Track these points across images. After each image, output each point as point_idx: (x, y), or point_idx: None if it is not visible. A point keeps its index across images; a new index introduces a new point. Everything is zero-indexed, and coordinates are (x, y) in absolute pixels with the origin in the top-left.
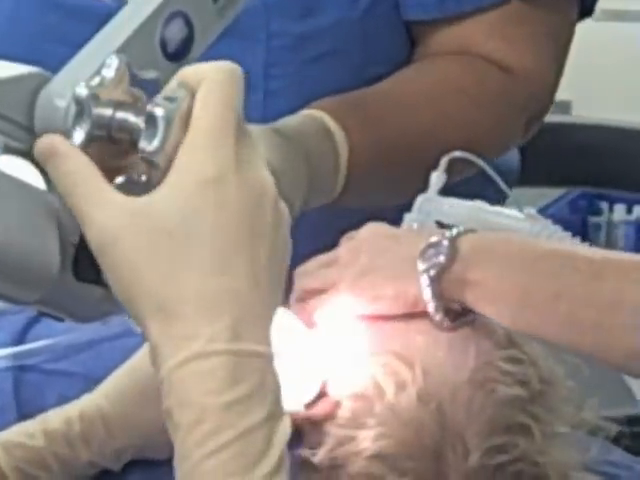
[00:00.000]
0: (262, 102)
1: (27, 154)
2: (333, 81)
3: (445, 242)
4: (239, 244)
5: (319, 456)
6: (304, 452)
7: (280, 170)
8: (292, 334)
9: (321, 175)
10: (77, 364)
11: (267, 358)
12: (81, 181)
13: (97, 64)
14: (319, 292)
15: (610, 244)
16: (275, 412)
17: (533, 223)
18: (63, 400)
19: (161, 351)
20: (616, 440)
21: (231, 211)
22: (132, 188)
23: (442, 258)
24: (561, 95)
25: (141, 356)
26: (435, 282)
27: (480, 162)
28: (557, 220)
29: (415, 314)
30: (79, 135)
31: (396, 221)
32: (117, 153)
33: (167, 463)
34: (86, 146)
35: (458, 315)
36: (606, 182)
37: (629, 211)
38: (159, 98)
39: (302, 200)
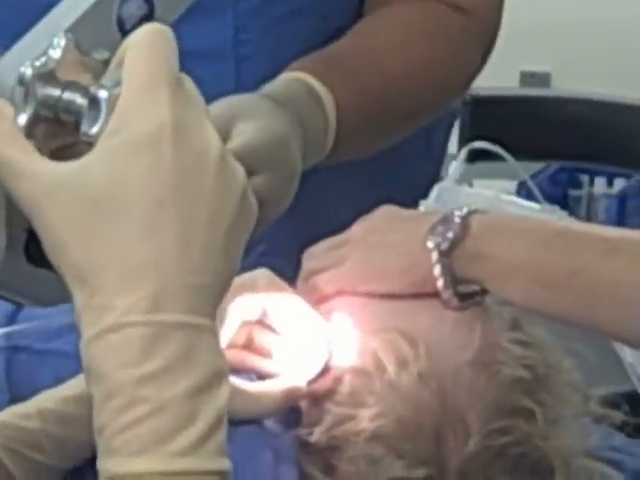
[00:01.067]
0: (234, 69)
1: None
2: (300, 39)
3: (456, 219)
4: (169, 209)
5: (316, 435)
6: (301, 432)
7: (286, 135)
8: (295, 311)
9: (313, 136)
10: (71, 344)
11: (195, 328)
12: (9, 146)
13: (45, 43)
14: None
15: (590, 217)
16: (203, 385)
17: (549, 214)
18: (58, 381)
19: (83, 321)
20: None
21: (164, 174)
22: None
23: (453, 233)
24: (541, 67)
25: None
26: (445, 257)
27: (499, 150)
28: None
29: (422, 294)
30: (22, 117)
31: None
32: (63, 135)
33: None
34: (31, 127)
35: (466, 297)
36: (586, 155)
37: (610, 184)
38: (105, 80)
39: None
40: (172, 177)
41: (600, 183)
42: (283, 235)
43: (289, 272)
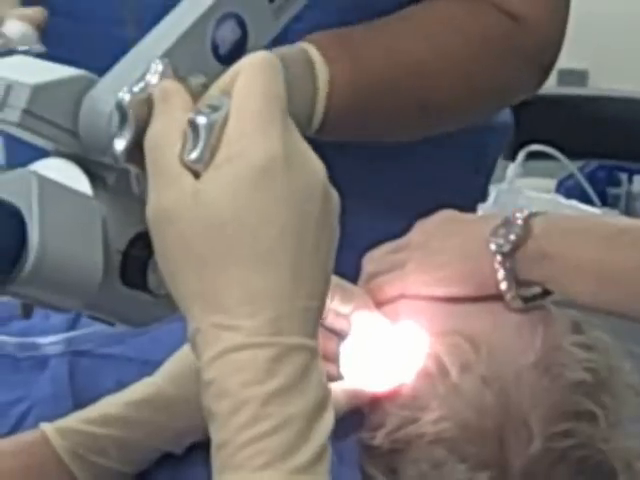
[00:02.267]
0: None
1: (74, 158)
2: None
3: (518, 220)
4: (286, 237)
5: (379, 438)
6: (363, 435)
7: None
8: (359, 313)
9: (298, 102)
10: (133, 348)
11: (309, 351)
12: (160, 147)
13: (142, 69)
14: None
15: (629, 216)
16: (316, 405)
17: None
18: (120, 385)
19: (202, 340)
20: None
21: (280, 203)
22: None
23: (515, 235)
24: (578, 65)
25: None
26: (508, 259)
27: (554, 152)
28: (576, 192)
29: (484, 297)
30: (121, 143)
31: None
32: None
33: None
34: (130, 152)
35: (528, 299)
36: (625, 154)
37: None
38: (203, 106)
39: None
40: (288, 206)
41: (639, 181)
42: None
43: None
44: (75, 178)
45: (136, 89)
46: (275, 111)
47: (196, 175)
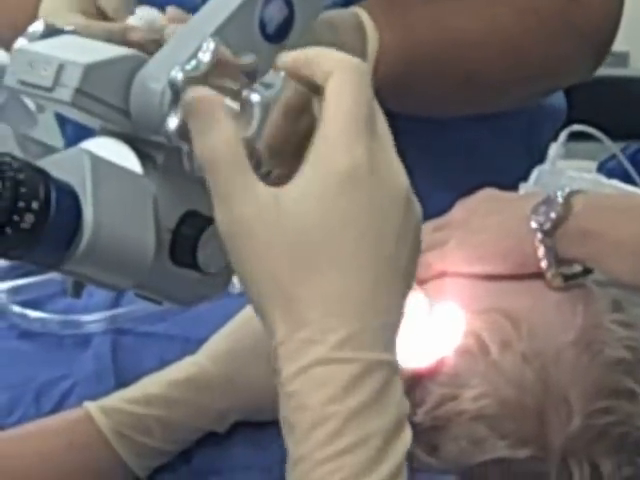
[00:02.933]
0: None
1: (124, 137)
2: None
3: (559, 198)
4: (367, 244)
5: (420, 416)
6: None
7: None
8: None
9: None
10: (176, 327)
11: (390, 366)
12: (224, 161)
13: (193, 47)
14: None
15: None
16: (395, 423)
17: None
18: (163, 363)
19: (284, 353)
20: None
21: (362, 210)
22: None
23: (556, 213)
24: (619, 46)
25: (244, 316)
26: (549, 237)
27: (598, 134)
28: (618, 173)
29: (524, 275)
30: (173, 121)
31: None
32: None
33: (272, 425)
34: (182, 130)
35: (568, 278)
36: None
37: None
38: (256, 84)
39: None
40: (371, 214)
41: None
42: None
43: None
44: (125, 157)
45: (189, 67)
46: (364, 118)
47: (251, 156)
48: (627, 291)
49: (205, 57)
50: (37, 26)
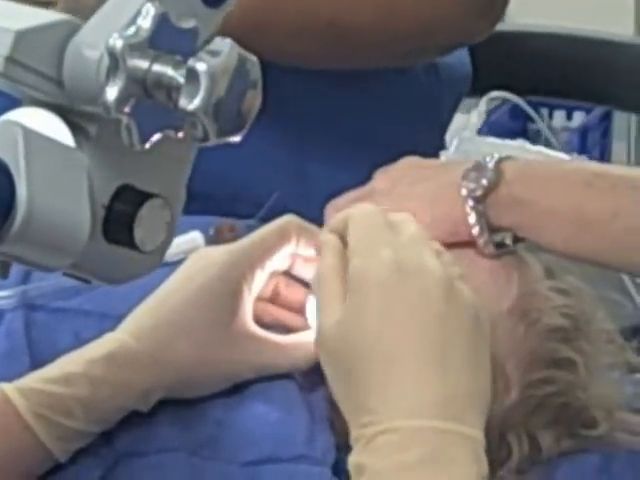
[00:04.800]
0: None
1: (54, 107)
2: None
3: (490, 164)
4: (435, 354)
5: None
6: None
7: None
8: None
9: None
10: (91, 302)
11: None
12: (327, 282)
13: (131, 12)
14: None
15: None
16: None
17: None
18: (78, 340)
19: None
20: None
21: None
22: (167, 145)
23: (487, 180)
24: None
25: (167, 289)
26: (480, 204)
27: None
28: (498, 126)
29: (454, 243)
30: (113, 91)
31: None
32: (152, 109)
33: (197, 403)
34: (121, 103)
35: (499, 246)
36: (544, 90)
37: (569, 117)
38: (202, 52)
39: None
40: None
41: (560, 116)
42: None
43: None
44: (55, 128)
45: (128, 33)
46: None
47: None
48: (556, 258)
49: (145, 23)
50: None
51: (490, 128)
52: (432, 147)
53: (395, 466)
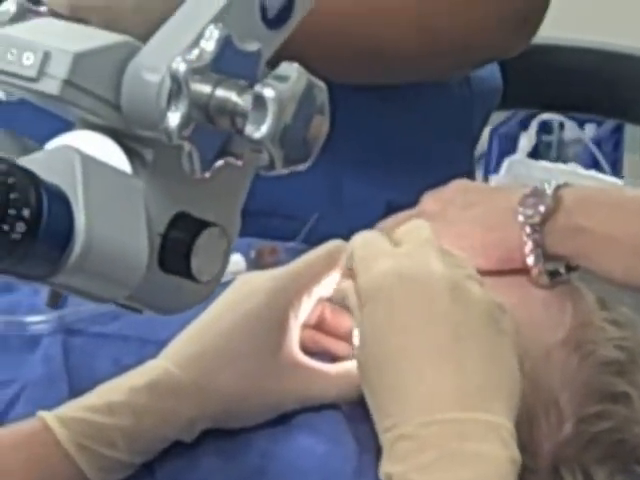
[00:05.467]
0: None
1: (111, 131)
2: None
3: (548, 191)
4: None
5: None
6: None
7: None
8: None
9: None
10: (130, 327)
11: None
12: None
13: (194, 34)
14: None
15: (562, 163)
16: None
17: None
18: (118, 365)
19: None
20: None
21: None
22: (223, 172)
23: (545, 207)
24: None
25: (211, 316)
26: (538, 232)
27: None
28: (508, 138)
29: (506, 271)
30: (175, 117)
31: None
32: (213, 135)
33: (243, 433)
34: (183, 129)
35: (553, 274)
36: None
37: (580, 129)
38: (269, 77)
39: None
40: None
41: (571, 128)
42: None
43: None
44: (111, 154)
45: (191, 57)
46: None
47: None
48: (608, 289)
49: (209, 46)
50: (8, 5)
51: (500, 140)
52: (464, 162)
53: (415, 469)
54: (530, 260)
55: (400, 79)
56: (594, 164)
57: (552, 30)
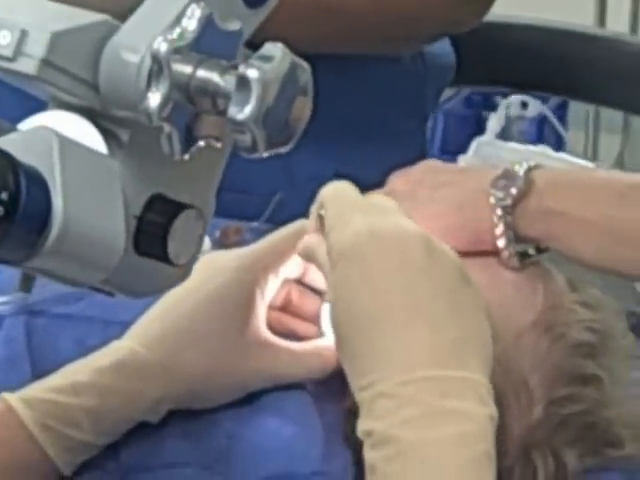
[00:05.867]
0: None
1: (86, 111)
2: None
3: (520, 172)
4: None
5: None
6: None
7: None
8: None
9: None
10: (93, 307)
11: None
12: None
13: (174, 13)
14: None
15: (505, 139)
16: None
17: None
18: (81, 346)
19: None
20: None
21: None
22: (200, 153)
23: (516, 189)
24: None
25: (175, 296)
26: (509, 214)
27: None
28: (453, 116)
29: (475, 252)
30: (155, 98)
31: None
32: (194, 116)
33: (209, 414)
34: (164, 108)
35: (523, 256)
36: (501, 80)
37: (524, 106)
38: (253, 57)
39: None
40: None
41: (515, 105)
42: None
43: None
44: (86, 134)
45: (173, 36)
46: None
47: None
48: (577, 271)
49: (190, 25)
50: None
51: (445, 116)
52: (416, 137)
53: (397, 425)
54: (501, 242)
55: (357, 46)
56: (538, 140)
57: (504, 8)
